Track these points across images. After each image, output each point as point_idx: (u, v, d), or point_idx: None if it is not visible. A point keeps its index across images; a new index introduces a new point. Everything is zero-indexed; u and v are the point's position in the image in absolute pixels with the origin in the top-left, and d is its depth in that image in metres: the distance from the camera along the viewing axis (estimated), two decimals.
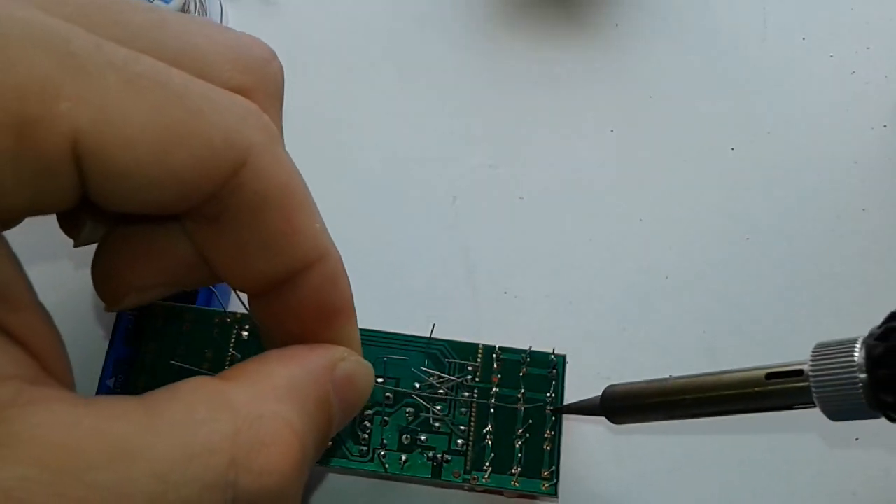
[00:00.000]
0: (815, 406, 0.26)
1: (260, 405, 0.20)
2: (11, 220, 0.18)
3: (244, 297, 0.25)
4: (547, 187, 0.42)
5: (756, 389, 0.27)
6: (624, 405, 0.31)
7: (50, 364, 0.19)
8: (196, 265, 0.23)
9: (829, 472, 0.37)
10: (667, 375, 0.38)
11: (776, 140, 0.43)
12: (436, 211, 0.41)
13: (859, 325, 0.39)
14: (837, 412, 0.26)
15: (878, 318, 0.39)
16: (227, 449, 0.19)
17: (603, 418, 0.32)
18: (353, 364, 0.24)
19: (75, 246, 0.24)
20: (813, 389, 0.26)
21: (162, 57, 0.20)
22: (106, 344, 0.34)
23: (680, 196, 0.42)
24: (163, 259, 0.23)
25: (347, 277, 0.24)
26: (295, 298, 0.23)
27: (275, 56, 0.24)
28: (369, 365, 0.25)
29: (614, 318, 0.40)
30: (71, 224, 0.24)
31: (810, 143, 0.43)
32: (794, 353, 0.38)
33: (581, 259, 0.41)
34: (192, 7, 0.42)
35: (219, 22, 0.44)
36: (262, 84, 0.23)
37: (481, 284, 0.40)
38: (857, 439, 0.37)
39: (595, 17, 0.46)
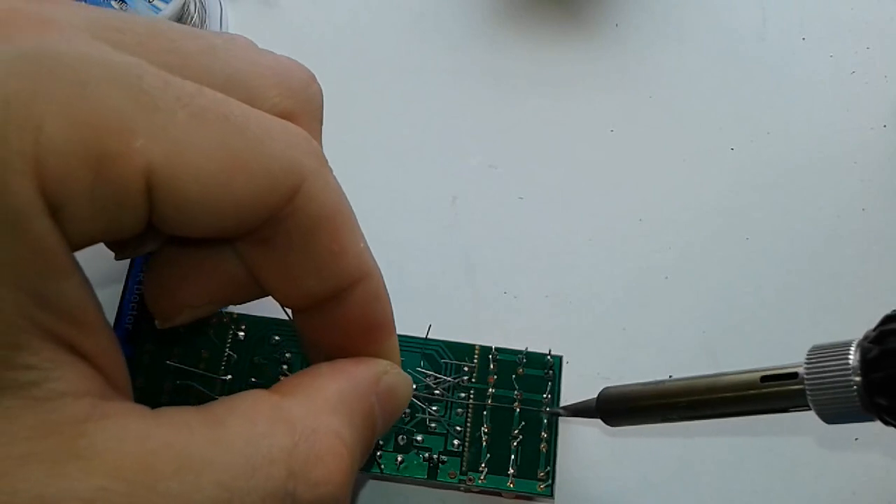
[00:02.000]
0: (810, 409, 0.26)
1: (314, 420, 0.22)
2: (82, 246, 0.19)
3: (289, 310, 0.26)
4: (547, 187, 0.42)
5: (751, 392, 0.27)
6: (619, 408, 0.31)
7: (115, 381, 0.20)
8: (245, 282, 0.25)
9: (828, 472, 0.37)
10: (667, 376, 0.38)
11: (776, 140, 0.43)
12: (436, 211, 0.41)
13: (859, 325, 0.39)
14: (832, 415, 0.26)
15: (877, 319, 0.39)
16: (286, 461, 0.20)
17: (599, 420, 0.32)
18: (394, 377, 0.26)
19: (117, 259, 0.25)
20: (808, 392, 0.26)
21: (212, 83, 0.21)
22: None
23: (680, 196, 0.42)
24: (213, 277, 0.25)
25: (388, 295, 0.25)
26: (340, 314, 0.25)
27: (314, 78, 0.25)
28: (408, 377, 0.27)
29: (614, 318, 0.40)
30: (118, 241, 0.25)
31: (810, 143, 0.43)
32: (794, 353, 0.38)
33: (581, 259, 0.41)
34: (191, 7, 0.42)
35: (218, 23, 0.44)
36: (305, 107, 0.24)
37: (481, 284, 0.40)
38: (856, 439, 0.37)
39: (595, 17, 0.46)
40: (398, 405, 0.26)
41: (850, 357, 0.25)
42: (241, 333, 0.34)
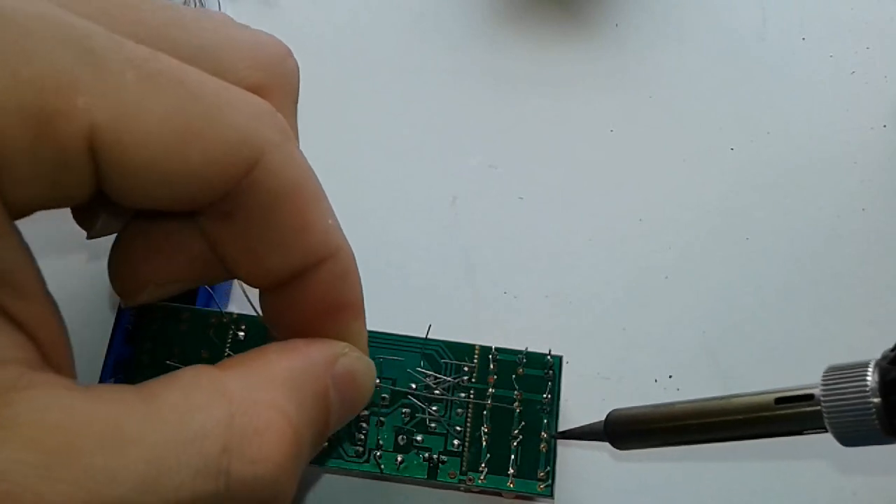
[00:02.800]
0: (826, 431, 0.25)
1: (255, 393, 0.21)
2: (25, 211, 0.19)
3: (253, 296, 0.25)
4: (547, 187, 0.42)
5: (765, 414, 0.26)
6: (628, 430, 0.30)
7: (52, 353, 0.19)
8: (211, 261, 0.24)
9: (829, 472, 0.37)
10: (667, 376, 0.38)
11: (776, 140, 0.43)
12: (436, 211, 0.41)
13: (859, 325, 0.39)
14: (850, 437, 0.25)
15: (877, 319, 0.39)
16: (221, 435, 0.19)
17: (606, 443, 0.32)
18: (353, 360, 0.24)
19: (88, 238, 0.25)
20: (825, 415, 0.25)
21: (180, 55, 0.20)
22: (106, 344, 0.34)
23: (680, 196, 0.42)
24: (178, 254, 0.24)
25: (358, 274, 0.24)
26: (305, 294, 0.24)
27: (290, 53, 0.25)
28: (371, 363, 0.25)
29: (614, 318, 0.39)
30: (85, 216, 0.24)
31: (810, 143, 0.43)
32: (794, 353, 0.38)
33: (581, 259, 0.41)
34: (191, 7, 0.42)
35: None
36: (278, 82, 0.23)
37: (481, 284, 0.40)
38: None
39: (595, 17, 0.46)
40: (359, 392, 0.25)
41: (868, 378, 0.24)
42: (241, 333, 0.34)
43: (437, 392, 0.34)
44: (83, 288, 0.37)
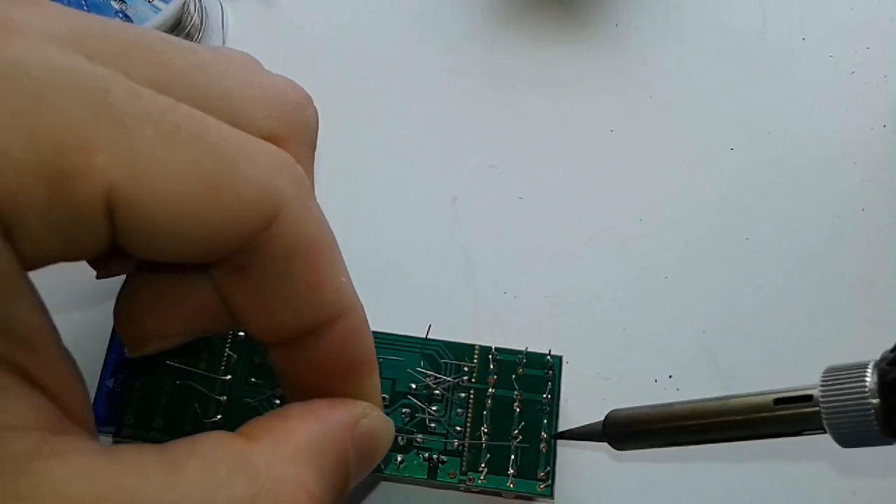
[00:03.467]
0: (825, 432, 0.25)
1: (279, 468, 0.20)
2: (38, 265, 0.18)
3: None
4: (547, 187, 0.42)
5: (764, 415, 0.26)
6: (627, 431, 0.30)
7: (71, 408, 0.19)
8: (219, 312, 0.23)
9: (828, 472, 0.37)
10: (667, 376, 0.38)
11: (776, 140, 0.43)
12: (436, 211, 0.41)
13: (859, 325, 0.39)
14: (849, 438, 0.25)
15: (877, 319, 0.39)
16: None
17: (605, 444, 0.32)
18: (374, 420, 0.24)
19: (98, 278, 0.24)
20: (823, 415, 0.25)
21: (198, 101, 0.20)
22: (106, 344, 0.34)
23: (680, 196, 0.42)
24: (186, 306, 0.23)
25: (370, 331, 0.24)
26: (317, 351, 0.23)
27: (310, 101, 0.24)
28: (389, 420, 0.25)
29: (614, 318, 0.39)
30: (96, 259, 0.23)
31: (810, 143, 0.43)
32: (794, 353, 0.38)
33: (581, 259, 0.41)
34: (191, 7, 0.42)
35: (219, 23, 0.44)
36: (296, 131, 0.23)
37: (481, 284, 0.40)
38: None
39: (595, 17, 0.46)
40: (377, 450, 0.25)
41: (867, 379, 0.24)
42: (242, 333, 0.34)
43: (436, 392, 0.34)
44: (84, 288, 0.37)
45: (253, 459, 0.20)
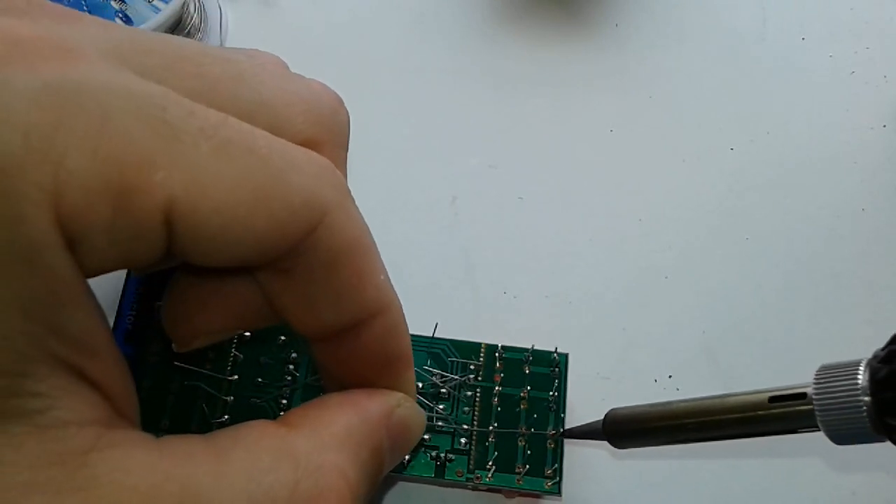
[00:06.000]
0: (819, 430, 0.25)
1: (319, 456, 0.22)
2: (96, 274, 0.19)
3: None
4: (547, 187, 0.42)
5: (759, 413, 0.27)
6: (627, 429, 0.31)
7: (121, 404, 0.20)
8: (263, 309, 0.24)
9: (828, 470, 0.37)
10: (667, 376, 0.38)
11: (776, 140, 0.44)
12: (436, 211, 0.41)
13: (859, 325, 0.39)
14: (842, 436, 0.25)
15: (877, 319, 0.39)
16: (287, 498, 0.20)
17: (605, 442, 0.32)
18: (407, 410, 0.26)
19: (135, 275, 0.25)
20: (817, 413, 0.25)
21: (239, 110, 0.21)
22: None
23: (680, 196, 0.42)
24: (231, 304, 0.24)
25: (407, 326, 0.25)
26: (357, 346, 0.24)
27: (342, 103, 0.25)
28: (422, 411, 0.27)
29: (614, 318, 0.40)
30: None
31: (810, 143, 0.44)
32: (794, 353, 0.39)
33: (581, 259, 0.41)
34: (191, 7, 0.42)
35: (218, 23, 0.44)
36: (331, 135, 0.24)
37: (481, 284, 0.40)
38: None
39: (595, 17, 0.46)
40: (410, 439, 0.26)
41: (859, 377, 0.24)
42: (248, 333, 0.34)
43: (443, 391, 0.34)
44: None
45: (294, 447, 0.21)
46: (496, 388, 0.34)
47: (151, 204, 0.18)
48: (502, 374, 0.34)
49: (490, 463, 0.33)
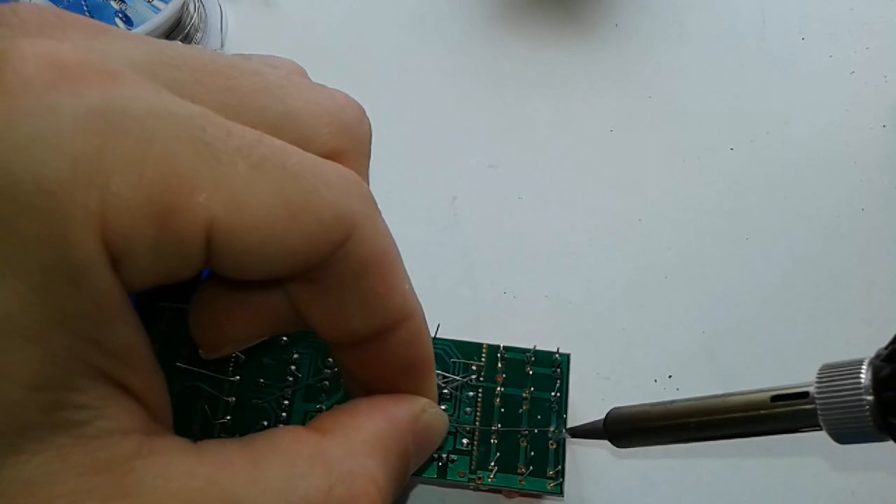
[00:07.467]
0: (821, 429, 0.25)
1: (351, 461, 0.22)
2: (136, 289, 0.20)
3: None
4: (547, 187, 0.42)
5: (761, 412, 0.27)
6: (628, 429, 0.31)
7: (158, 413, 0.21)
8: (290, 317, 0.25)
9: (829, 470, 0.37)
10: (667, 376, 0.38)
11: (776, 140, 0.44)
12: (435, 211, 0.41)
13: (859, 325, 0.39)
14: (844, 435, 0.25)
15: (876, 319, 0.39)
16: (321, 502, 0.21)
17: (606, 442, 0.32)
18: (432, 415, 0.27)
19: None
20: (819, 412, 0.25)
21: (267, 124, 0.21)
22: None
23: (679, 196, 0.42)
24: (259, 312, 0.25)
25: (429, 333, 0.26)
26: (382, 352, 0.25)
27: (364, 113, 0.25)
28: (445, 415, 0.28)
29: (614, 318, 0.40)
30: None
31: (809, 143, 0.44)
32: (793, 353, 0.39)
33: (581, 259, 0.41)
34: (191, 7, 0.42)
35: (218, 23, 0.44)
36: (355, 144, 0.24)
37: (480, 284, 0.40)
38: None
39: (595, 17, 0.46)
40: (433, 443, 0.27)
41: (862, 376, 0.24)
42: None
43: (445, 391, 0.34)
44: None
45: (327, 453, 0.22)
46: (498, 388, 0.34)
47: (194, 224, 0.18)
48: (504, 375, 0.34)
49: (492, 463, 0.33)
